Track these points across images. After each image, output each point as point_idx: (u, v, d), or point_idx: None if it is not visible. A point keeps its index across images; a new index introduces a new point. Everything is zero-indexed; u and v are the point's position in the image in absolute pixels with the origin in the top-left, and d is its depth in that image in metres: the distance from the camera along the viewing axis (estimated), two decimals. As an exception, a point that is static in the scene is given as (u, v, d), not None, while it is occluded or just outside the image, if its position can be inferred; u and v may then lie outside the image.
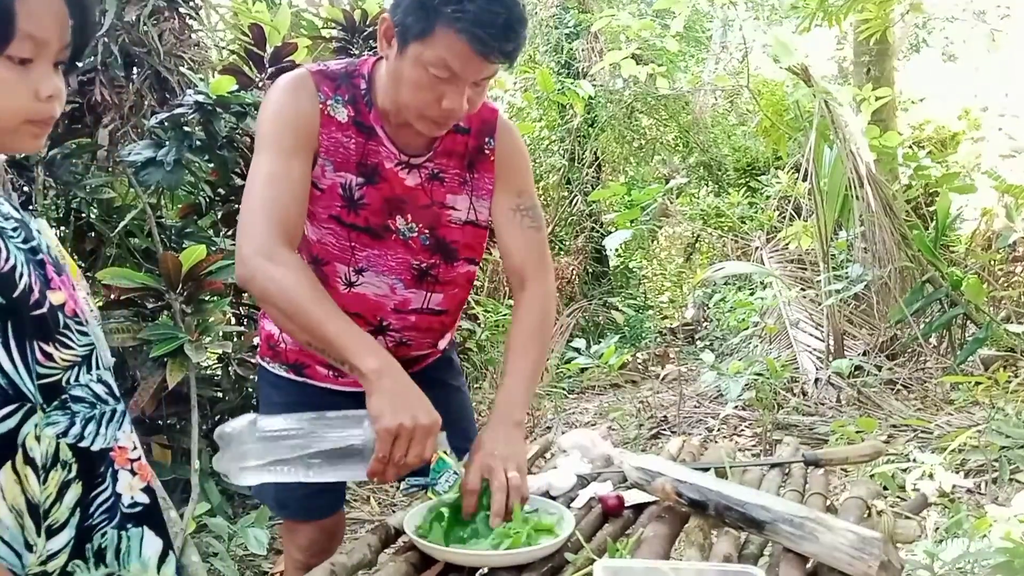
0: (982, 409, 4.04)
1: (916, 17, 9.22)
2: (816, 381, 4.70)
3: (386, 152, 1.37)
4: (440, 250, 1.45)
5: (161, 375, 2.32)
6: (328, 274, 1.42)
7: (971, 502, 3.10)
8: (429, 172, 1.41)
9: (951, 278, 4.80)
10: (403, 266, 1.44)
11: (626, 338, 6.58)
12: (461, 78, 1.23)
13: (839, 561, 1.08)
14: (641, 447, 4.22)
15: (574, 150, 8.03)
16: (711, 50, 10.22)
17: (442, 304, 1.51)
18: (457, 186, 1.44)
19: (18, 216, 0.96)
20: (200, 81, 2.64)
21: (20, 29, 0.82)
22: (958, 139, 7.17)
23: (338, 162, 1.36)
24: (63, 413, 0.91)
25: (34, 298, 0.88)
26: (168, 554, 1.02)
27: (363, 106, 1.36)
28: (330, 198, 1.37)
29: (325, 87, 1.35)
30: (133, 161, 2.53)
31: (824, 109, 4.88)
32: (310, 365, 1.53)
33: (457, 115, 1.29)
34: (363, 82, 1.37)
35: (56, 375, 0.91)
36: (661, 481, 1.32)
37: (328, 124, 1.34)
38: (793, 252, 5.85)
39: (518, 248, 1.47)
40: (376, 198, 1.38)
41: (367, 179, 1.37)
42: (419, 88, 1.24)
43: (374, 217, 1.39)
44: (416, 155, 1.40)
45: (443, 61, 1.21)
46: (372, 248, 1.41)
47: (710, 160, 8.92)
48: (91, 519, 0.93)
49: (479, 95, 1.30)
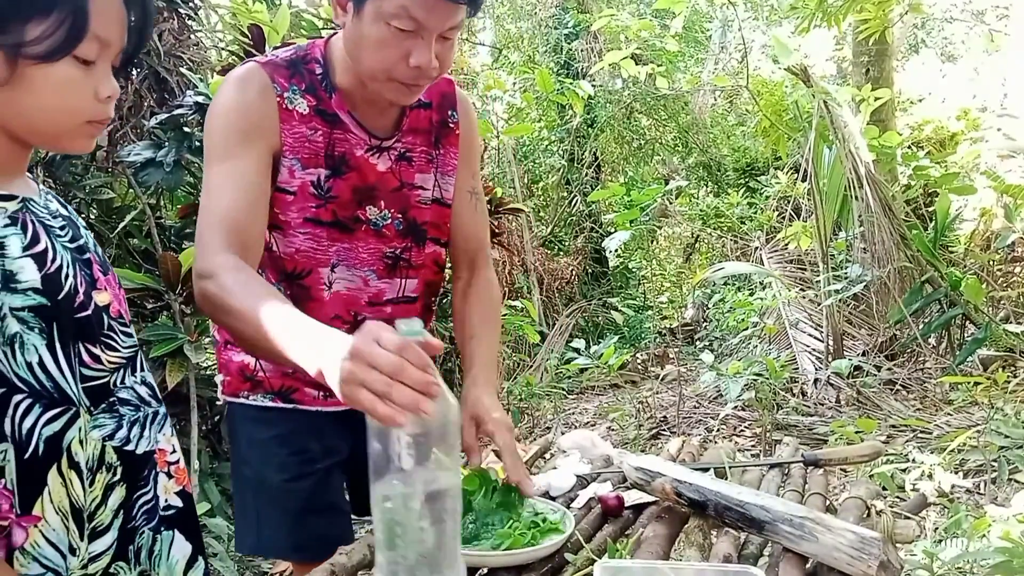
0: (981, 409, 4.04)
1: (915, 17, 9.23)
2: (815, 381, 4.70)
3: (355, 139, 1.29)
4: (411, 233, 1.38)
5: (161, 376, 2.32)
6: (310, 284, 1.33)
7: (970, 502, 3.10)
8: (398, 153, 1.34)
9: (950, 278, 4.81)
10: (375, 256, 1.36)
11: (625, 338, 6.58)
12: (426, 27, 1.14)
13: (839, 561, 1.08)
14: (641, 447, 4.22)
15: (573, 150, 8.04)
16: (710, 50, 10.23)
17: (415, 290, 1.43)
18: (424, 164, 1.37)
19: (66, 213, 0.95)
20: (199, 82, 2.64)
21: (91, 30, 0.82)
22: (957, 139, 7.18)
23: (305, 158, 1.26)
24: (111, 416, 0.91)
25: (79, 300, 0.87)
26: (197, 559, 1.02)
27: (323, 93, 1.27)
28: (303, 199, 1.28)
29: (279, 78, 1.24)
30: (132, 162, 2.53)
31: (823, 109, 4.88)
32: (298, 388, 1.39)
33: (428, 73, 1.19)
34: (318, 66, 1.27)
35: (103, 377, 0.91)
36: (661, 481, 1.32)
37: (288, 119, 1.24)
38: (792, 252, 5.86)
39: (474, 232, 1.46)
40: (344, 189, 1.29)
41: (333, 171, 1.28)
42: (382, 46, 1.15)
43: (342, 210, 1.30)
44: (386, 137, 1.32)
45: (405, 10, 1.12)
46: (342, 242, 1.32)
47: (709, 160, 8.93)
48: (133, 521, 0.93)
49: (448, 51, 1.20)
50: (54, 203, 0.95)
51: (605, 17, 6.16)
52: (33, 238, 0.85)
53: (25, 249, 0.83)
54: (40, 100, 0.84)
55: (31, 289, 0.81)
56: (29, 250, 0.83)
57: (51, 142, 0.90)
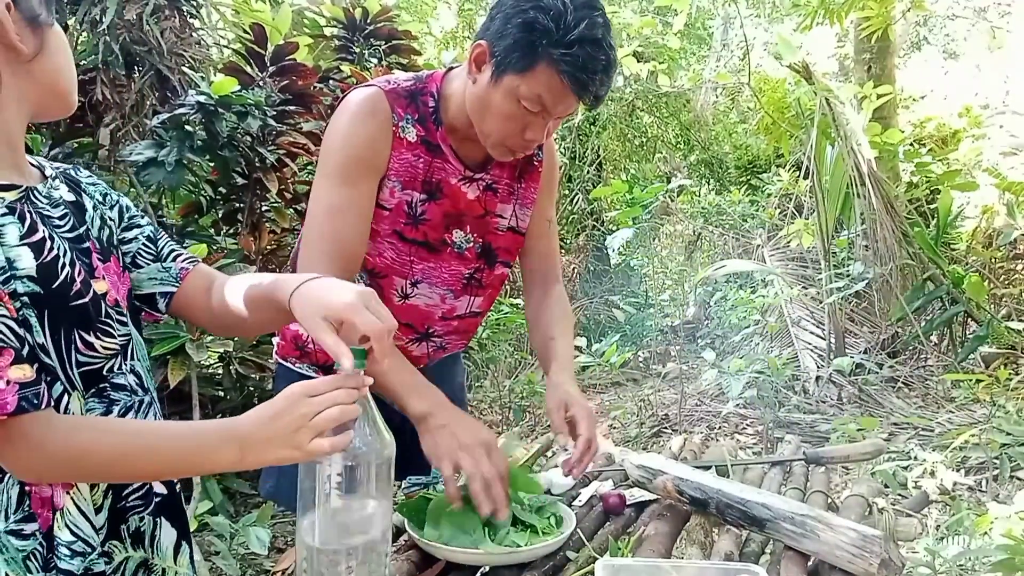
0: (983, 407, 4.04)
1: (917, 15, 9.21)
2: (817, 379, 4.70)
3: (452, 169, 1.39)
4: (485, 255, 1.49)
5: (163, 374, 2.33)
6: (384, 287, 1.44)
7: (972, 500, 3.10)
8: (485, 184, 1.44)
9: (952, 276, 4.80)
10: (455, 277, 1.47)
11: (627, 336, 6.58)
12: (550, 113, 1.26)
13: (840, 559, 1.09)
14: (642, 445, 4.23)
15: (575, 148, 8.04)
16: (712, 48, 10.22)
17: (481, 306, 1.55)
18: (506, 195, 1.48)
19: (72, 199, 0.98)
20: (201, 80, 2.64)
21: None
22: (959, 136, 7.16)
23: (405, 181, 1.37)
24: (99, 401, 0.94)
25: (76, 288, 0.89)
26: (182, 544, 1.04)
27: (431, 125, 1.37)
28: (395, 215, 1.38)
29: (399, 107, 1.35)
30: (135, 161, 2.53)
31: (825, 107, 4.88)
32: None
33: (535, 146, 1.33)
34: (431, 100, 1.37)
35: (98, 363, 0.93)
36: (662, 479, 1.32)
37: (399, 146, 1.35)
38: (794, 250, 5.85)
39: (548, 254, 1.61)
40: (436, 213, 1.40)
41: (429, 195, 1.39)
42: (507, 118, 1.27)
43: (433, 232, 1.41)
44: (478, 169, 1.42)
45: (539, 97, 1.23)
46: (428, 261, 1.43)
47: (711, 158, 8.93)
48: (124, 502, 0.96)
49: (556, 125, 1.34)
50: (60, 189, 0.97)
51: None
52: (30, 228, 0.87)
53: (22, 238, 0.85)
54: (57, 61, 0.92)
55: (27, 277, 0.84)
56: (26, 239, 0.85)
57: (65, 105, 0.95)
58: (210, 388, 2.84)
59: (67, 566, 0.88)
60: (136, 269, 1.04)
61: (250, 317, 1.03)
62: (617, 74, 8.09)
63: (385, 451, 0.91)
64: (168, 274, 1.06)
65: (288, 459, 0.85)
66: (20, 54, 0.87)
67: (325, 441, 0.84)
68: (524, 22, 1.20)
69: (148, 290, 1.05)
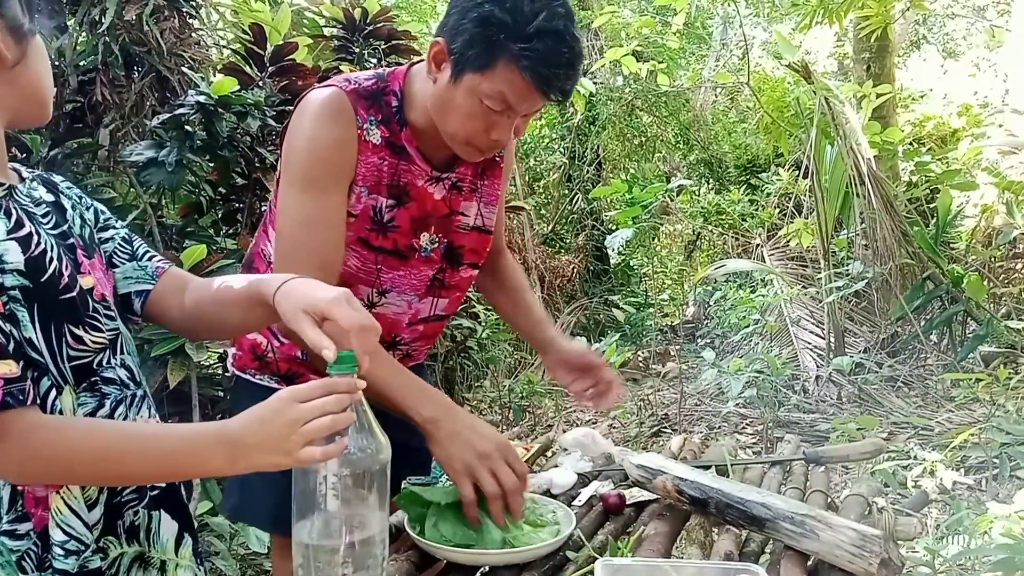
0: (983, 406, 4.04)
1: (916, 13, 9.21)
2: (817, 378, 4.71)
3: (418, 170, 1.34)
4: (448, 256, 1.44)
5: (162, 374, 2.32)
6: None
7: (972, 499, 3.10)
8: (451, 183, 1.39)
9: (952, 275, 4.81)
10: (422, 281, 1.42)
11: (627, 336, 6.58)
12: (515, 111, 1.21)
13: (840, 559, 1.09)
14: (642, 445, 4.23)
15: (575, 148, 8.03)
16: (712, 47, 10.20)
17: (446, 309, 1.50)
18: (469, 193, 1.43)
19: (51, 199, 0.99)
20: (201, 81, 2.64)
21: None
22: (958, 135, 7.16)
23: (371, 185, 1.31)
24: (91, 395, 0.94)
25: (64, 282, 0.90)
26: (184, 536, 1.05)
27: (395, 126, 1.31)
28: (361, 222, 1.32)
29: (361, 109, 1.28)
30: (134, 161, 2.53)
31: (825, 106, 4.88)
32: (303, 374, 1.44)
33: (502, 145, 1.28)
34: (394, 99, 1.31)
35: (87, 357, 0.94)
36: (662, 479, 1.32)
37: (364, 149, 1.28)
38: (794, 249, 5.85)
39: (499, 232, 1.61)
40: (405, 219, 1.35)
41: (397, 200, 1.33)
42: (470, 118, 1.21)
43: (402, 239, 1.36)
44: (445, 168, 1.38)
45: (501, 95, 1.18)
46: (397, 270, 1.38)
47: (711, 157, 8.92)
48: (119, 496, 0.96)
49: (524, 124, 1.28)
50: (39, 190, 0.98)
51: (606, 14, 6.15)
52: (17, 223, 0.87)
53: (9, 232, 0.86)
54: (38, 69, 0.92)
55: (15, 271, 0.84)
56: (13, 234, 0.86)
57: (42, 114, 0.95)
58: (210, 388, 2.83)
59: (62, 565, 0.88)
60: (113, 268, 1.05)
61: (232, 316, 1.02)
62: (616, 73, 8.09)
63: (380, 455, 0.90)
64: (144, 272, 1.07)
65: (280, 465, 0.84)
66: (3, 62, 0.87)
67: (317, 449, 0.83)
68: (480, 16, 1.15)
69: (124, 290, 1.05)
